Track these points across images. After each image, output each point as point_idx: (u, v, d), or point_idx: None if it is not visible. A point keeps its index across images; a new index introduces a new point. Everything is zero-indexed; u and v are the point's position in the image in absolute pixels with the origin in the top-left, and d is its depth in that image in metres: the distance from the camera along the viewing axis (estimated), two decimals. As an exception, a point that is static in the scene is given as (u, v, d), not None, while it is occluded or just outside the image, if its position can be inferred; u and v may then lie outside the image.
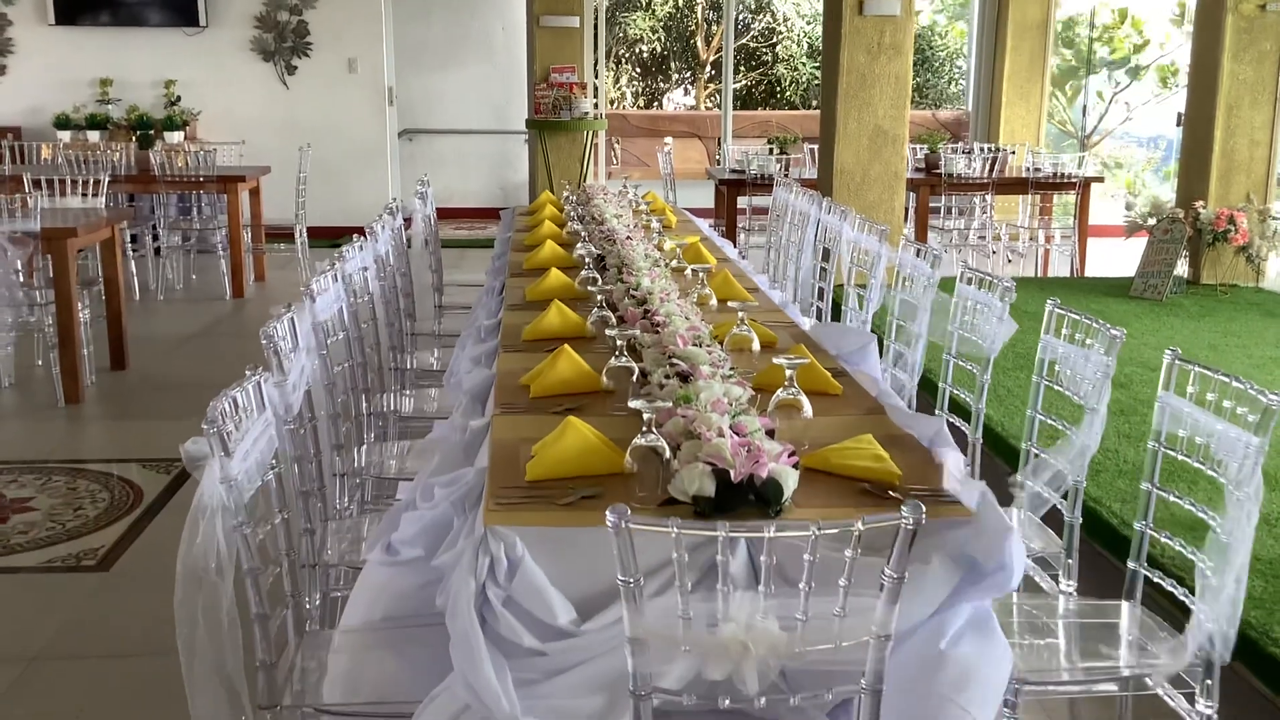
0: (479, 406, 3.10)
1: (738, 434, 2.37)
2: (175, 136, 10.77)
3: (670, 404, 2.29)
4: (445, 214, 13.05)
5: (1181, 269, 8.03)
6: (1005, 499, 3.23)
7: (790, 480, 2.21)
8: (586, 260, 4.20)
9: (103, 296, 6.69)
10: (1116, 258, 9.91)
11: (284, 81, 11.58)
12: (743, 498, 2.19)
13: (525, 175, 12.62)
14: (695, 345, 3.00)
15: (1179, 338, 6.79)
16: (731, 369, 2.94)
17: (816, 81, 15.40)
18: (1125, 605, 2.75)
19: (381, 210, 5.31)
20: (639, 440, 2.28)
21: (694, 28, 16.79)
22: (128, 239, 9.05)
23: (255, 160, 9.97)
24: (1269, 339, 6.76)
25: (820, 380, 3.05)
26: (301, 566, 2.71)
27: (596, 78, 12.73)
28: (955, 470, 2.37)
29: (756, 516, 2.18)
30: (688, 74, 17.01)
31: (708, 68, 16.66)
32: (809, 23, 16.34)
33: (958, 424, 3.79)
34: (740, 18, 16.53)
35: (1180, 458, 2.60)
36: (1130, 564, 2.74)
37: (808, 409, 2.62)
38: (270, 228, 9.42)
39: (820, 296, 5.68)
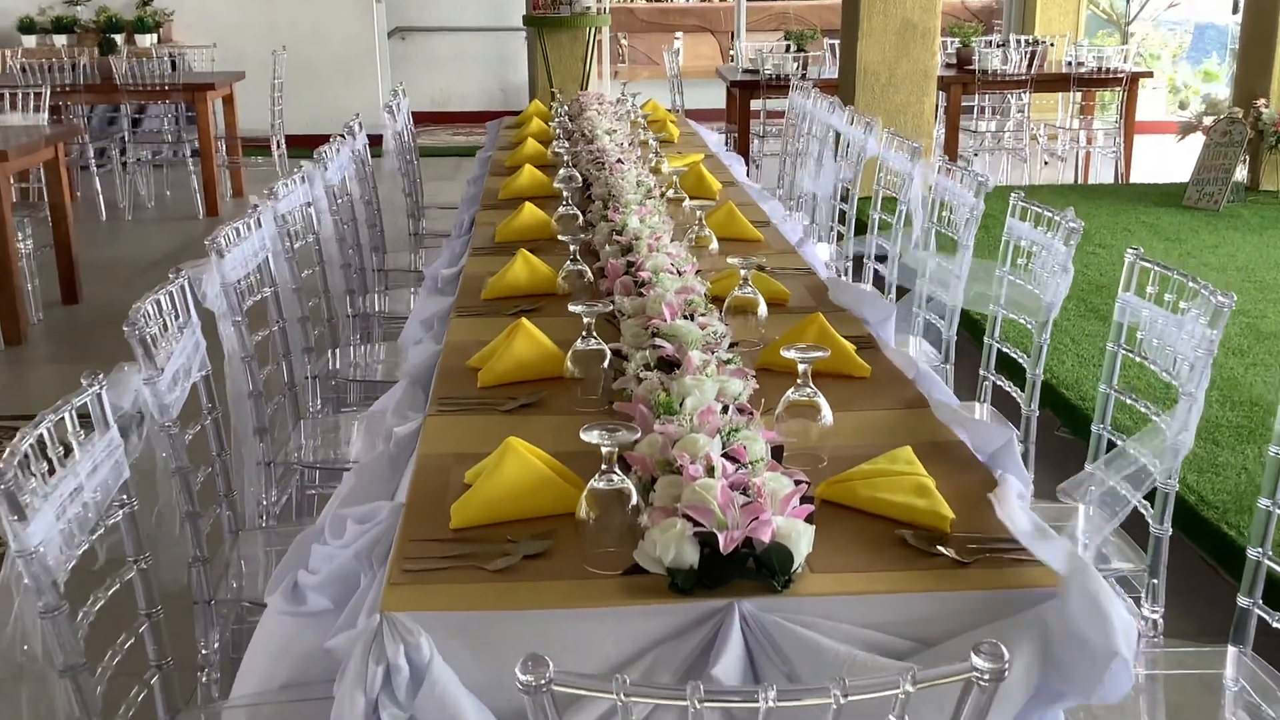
0: (421, 395, 2.49)
1: (733, 461, 1.77)
2: (147, 40, 10.03)
3: (635, 437, 1.67)
4: (441, 118, 12.30)
5: (1240, 174, 7.28)
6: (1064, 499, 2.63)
7: (803, 542, 1.60)
8: (566, 194, 3.55)
9: (49, 222, 6.06)
10: (1164, 159, 9.13)
11: (263, -22, 10.76)
12: (737, 567, 1.59)
13: (526, 76, 11.82)
14: (686, 317, 2.37)
15: (1241, 254, 6.10)
16: (732, 346, 2.33)
17: (837, -31, 14.41)
18: (1231, 652, 2.14)
19: (349, 123, 4.63)
20: (596, 482, 1.67)
21: (706, -88, 15.74)
22: (91, 154, 8.40)
23: (235, 65, 9.23)
24: (1343, 256, 6.06)
25: (843, 360, 2.43)
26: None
27: (600, -32, 11.83)
28: (1021, 517, 1.74)
29: (755, 591, 1.59)
30: (700, -38, 16.00)
31: (721, -45, 15.65)
32: (829, -96, 15.27)
33: (1009, 390, 3.18)
34: (755, -100, 15.48)
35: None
36: (1242, 600, 2.13)
37: (827, 414, 1.99)
38: (250, 138, 8.73)
39: (842, 220, 5.01)
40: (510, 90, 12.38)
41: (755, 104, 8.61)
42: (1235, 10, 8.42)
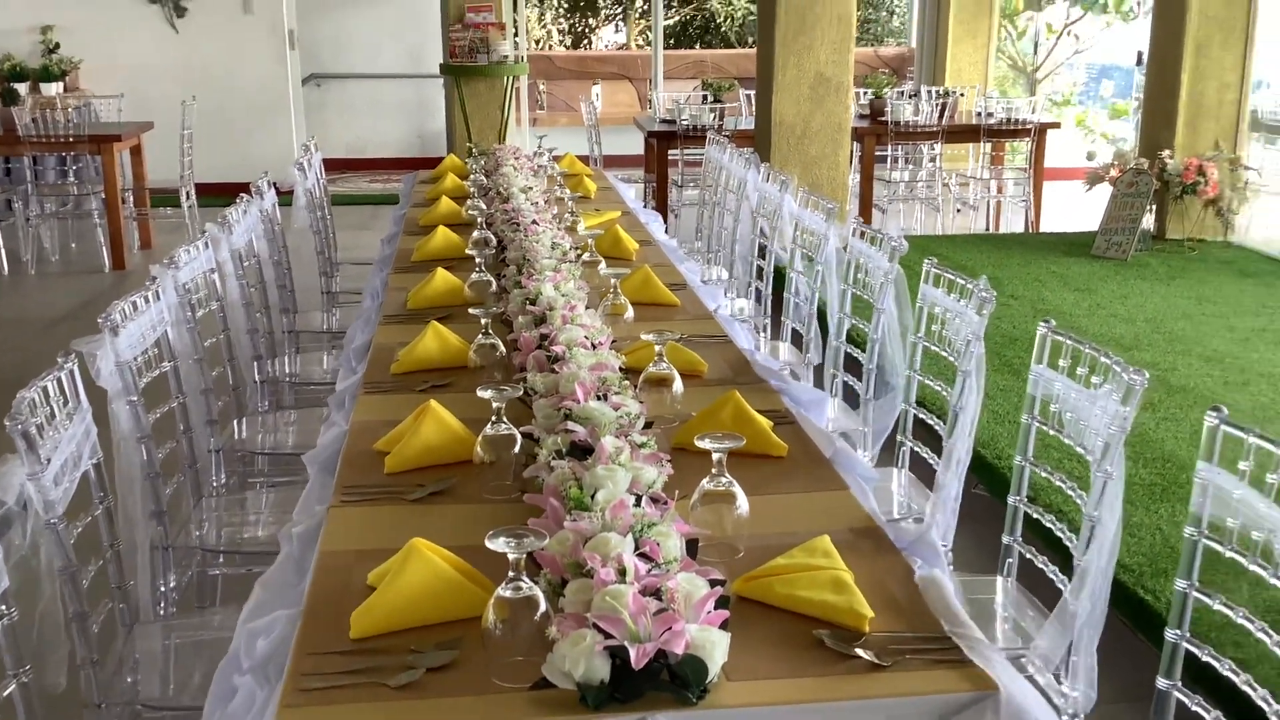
0: (330, 483, 2.40)
1: (647, 560, 1.71)
2: (53, 89, 9.79)
3: (543, 543, 1.61)
4: (358, 165, 12.19)
5: (1147, 224, 7.45)
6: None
7: (718, 651, 1.55)
8: (478, 260, 3.49)
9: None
10: (1072, 207, 9.33)
11: (173, 25, 10.59)
12: (650, 680, 1.53)
13: (444, 123, 11.75)
14: (600, 397, 2.32)
15: (1150, 305, 6.21)
16: (647, 426, 2.28)
17: (753, 17, 14.59)
18: (1153, 732, 2.13)
19: (257, 181, 4.52)
20: (503, 590, 1.60)
21: (622, -40, 15.89)
22: (-7, 207, 8.15)
23: (144, 113, 9.03)
24: (1247, 305, 6.21)
25: (760, 440, 2.39)
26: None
27: (517, 16, 11.84)
28: (952, 613, 1.71)
29: (669, 704, 1.53)
30: (618, 10, 16.12)
31: (639, 2, 15.78)
32: (744, -46, 15.50)
33: (927, 457, 3.16)
34: (671, -51, 15.66)
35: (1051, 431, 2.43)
36: (1161, 683, 2.11)
37: (743, 503, 1.95)
38: (159, 188, 8.53)
39: (759, 276, 5.00)
40: (428, 137, 12.30)
41: (674, 153, 8.64)
42: (1139, 63, 8.65)
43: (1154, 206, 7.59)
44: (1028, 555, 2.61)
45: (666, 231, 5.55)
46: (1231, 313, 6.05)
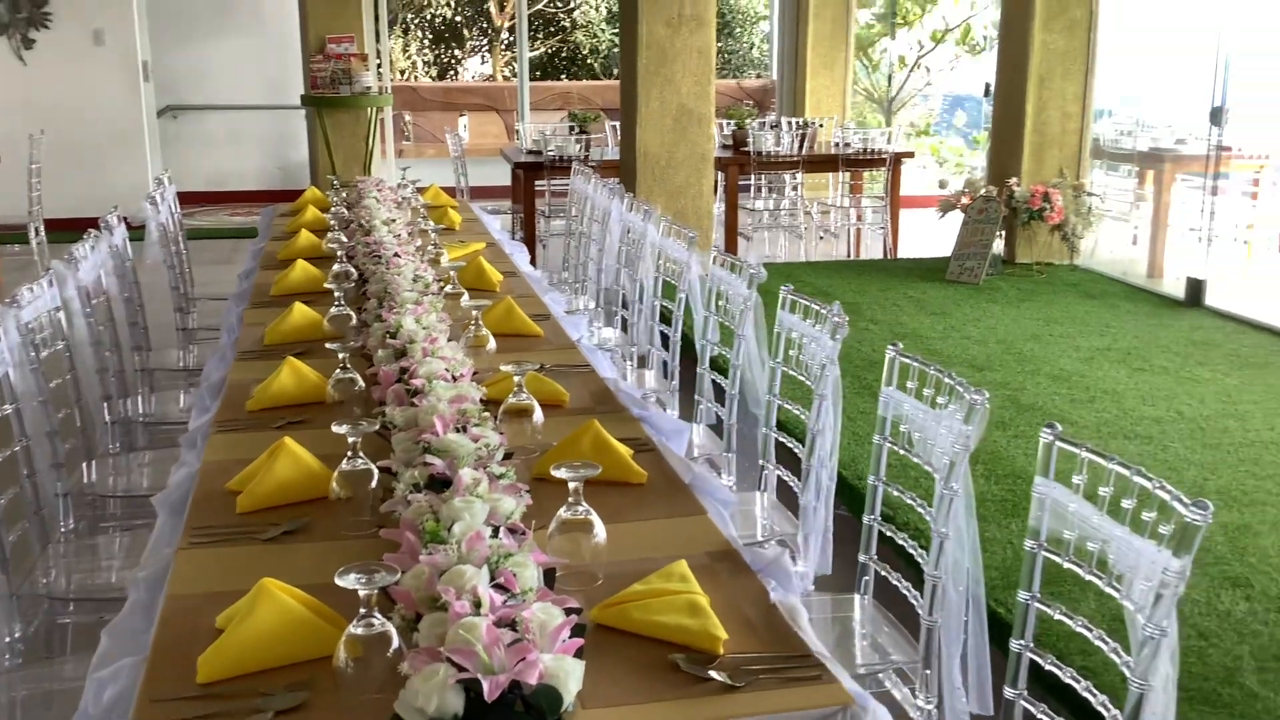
0: (180, 525, 2.33)
1: (503, 591, 1.71)
2: (-112, 121, 9.36)
3: (394, 578, 1.60)
4: (218, 198, 11.92)
5: (997, 248, 7.73)
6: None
7: (572, 680, 1.55)
8: (338, 294, 3.45)
9: None
10: (930, 233, 9.62)
11: (20, 57, 10.23)
12: (504, 712, 1.52)
13: (307, 154, 11.58)
14: (460, 429, 2.31)
15: (1001, 327, 6.45)
16: (507, 457, 2.28)
17: (617, 49, 14.78)
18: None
19: (106, 216, 4.39)
20: (354, 628, 1.58)
21: (487, -8, 15.90)
22: None
23: (-11, 147, 8.70)
24: (1092, 326, 6.48)
25: (619, 468, 2.41)
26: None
27: (380, 47, 11.75)
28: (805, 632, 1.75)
29: (526, 734, 1.53)
30: (483, 41, 16.11)
31: (504, 34, 15.81)
32: (607, -13, 15.67)
33: (787, 479, 3.22)
34: (536, -19, 15.74)
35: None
36: (1008, 692, 2.19)
37: (600, 531, 1.97)
38: (8, 225, 8.22)
39: (624, 305, 5.04)
40: (290, 169, 12.10)
41: (541, 183, 8.66)
42: (987, 95, 8.99)
43: (1004, 232, 7.88)
44: (883, 573, 2.68)
45: (534, 262, 5.57)
46: (1077, 333, 6.31)
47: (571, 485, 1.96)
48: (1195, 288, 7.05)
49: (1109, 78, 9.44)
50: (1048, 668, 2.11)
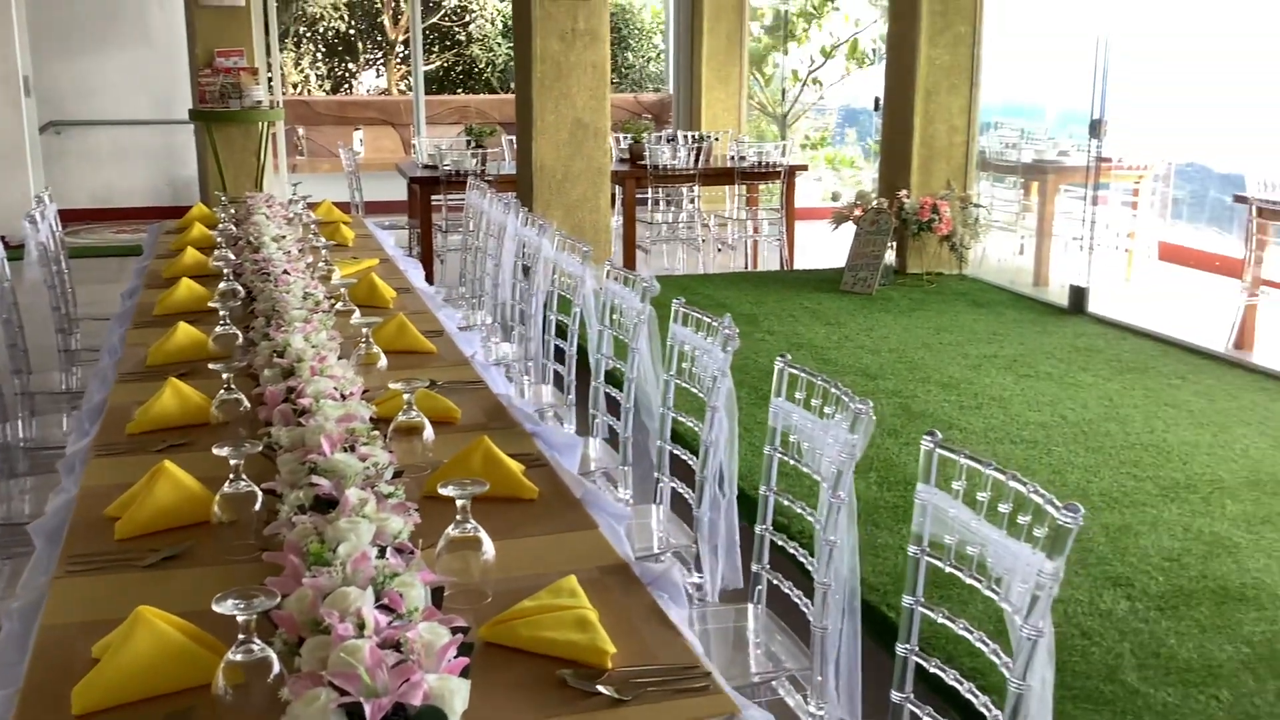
0: (56, 553, 2.26)
1: (388, 612, 1.69)
2: None
3: (274, 602, 1.57)
4: (104, 215, 11.62)
5: (889, 258, 7.89)
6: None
7: (457, 700, 1.54)
8: (223, 312, 3.38)
9: None
10: (825, 244, 9.77)
11: (-111, 69, 9.86)
12: (389, 734, 1.51)
13: (196, 170, 11.36)
14: (348, 448, 2.28)
15: (893, 336, 6.57)
16: (397, 475, 2.26)
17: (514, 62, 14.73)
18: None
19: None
20: (233, 654, 1.55)
21: (381, 5, 15.75)
22: None
23: None
24: (980, 334, 6.64)
25: (510, 484, 2.40)
26: None
27: (271, 61, 11.57)
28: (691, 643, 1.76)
29: (412, 757, 1.51)
30: (378, 55, 15.96)
31: (398, 48, 15.68)
32: (502, 0, 15.63)
33: (683, 491, 3.24)
34: (431, -5, 15.65)
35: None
36: (895, 695, 2.23)
37: (489, 548, 1.96)
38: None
39: (522, 320, 5.03)
40: (179, 185, 11.84)
41: (437, 199, 8.60)
42: (877, 109, 9.17)
43: (895, 243, 8.04)
44: (775, 581, 2.71)
45: (431, 278, 5.53)
46: (966, 341, 6.47)
47: (459, 503, 1.95)
48: (1078, 295, 7.26)
49: (994, 90, 9.70)
50: (933, 671, 2.16)
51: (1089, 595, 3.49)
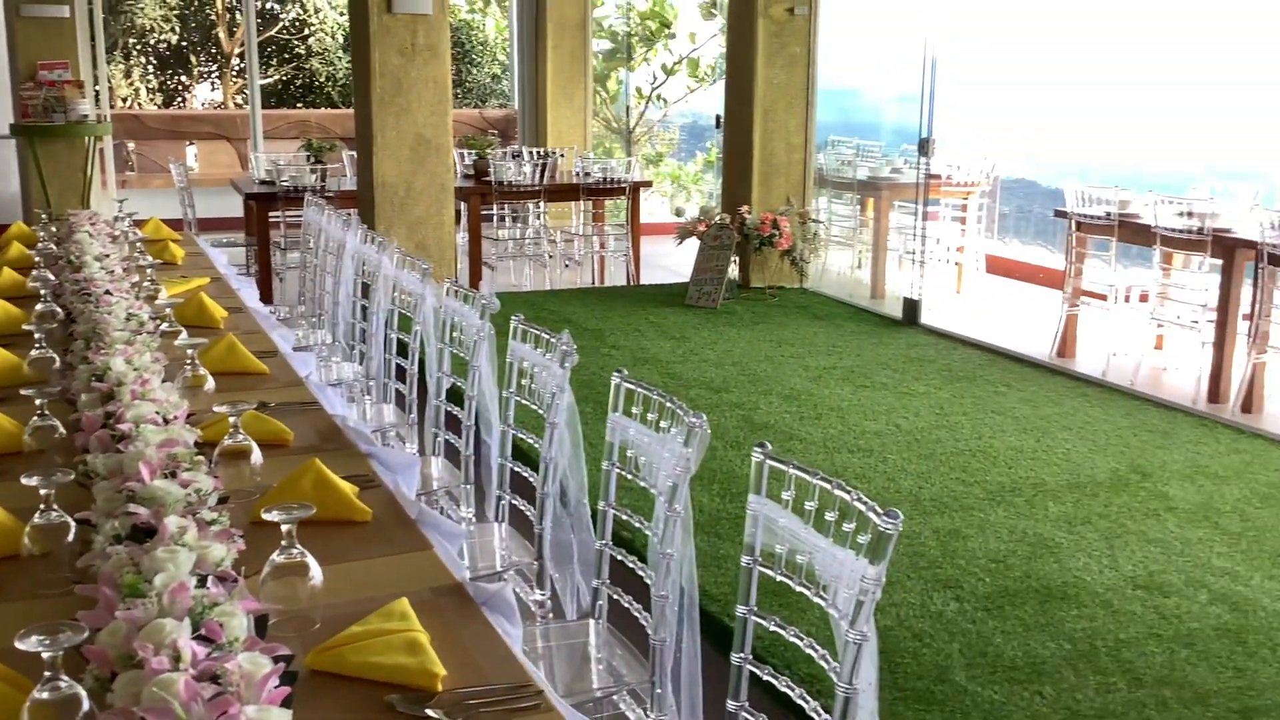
0: None
1: (208, 643, 1.64)
2: None
3: (82, 637, 1.51)
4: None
5: (733, 273, 8.02)
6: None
7: (280, 730, 1.50)
8: (38, 335, 3.23)
9: None
10: (671, 259, 9.88)
11: None
12: (206, 770, 1.46)
13: (18, 187, 10.84)
14: (169, 474, 2.21)
15: (737, 349, 6.68)
16: (223, 501, 2.19)
17: (356, 78, 14.48)
18: None
19: None
20: (39, 692, 1.48)
21: (215, 17, 15.33)
22: None
23: None
24: (820, 346, 6.81)
25: (341, 506, 2.36)
26: None
27: (98, 74, 11.14)
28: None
29: (231, 792, 1.46)
30: (213, 68, 15.52)
31: (234, 61, 15.28)
32: (342, 14, 15.38)
33: (522, 507, 3.23)
34: (268, 7, 15.29)
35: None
36: (730, 704, 2.27)
37: (316, 573, 1.92)
38: None
39: (363, 339, 4.95)
40: (1, 203, 11.28)
41: (275, 215, 8.39)
42: (718, 126, 9.33)
43: (738, 258, 8.18)
44: (615, 596, 2.72)
45: (269, 297, 5.39)
46: (806, 353, 6.62)
47: (284, 528, 1.91)
48: (911, 308, 7.51)
49: (831, 110, 9.98)
50: (766, 678, 2.19)
51: (920, 598, 3.60)
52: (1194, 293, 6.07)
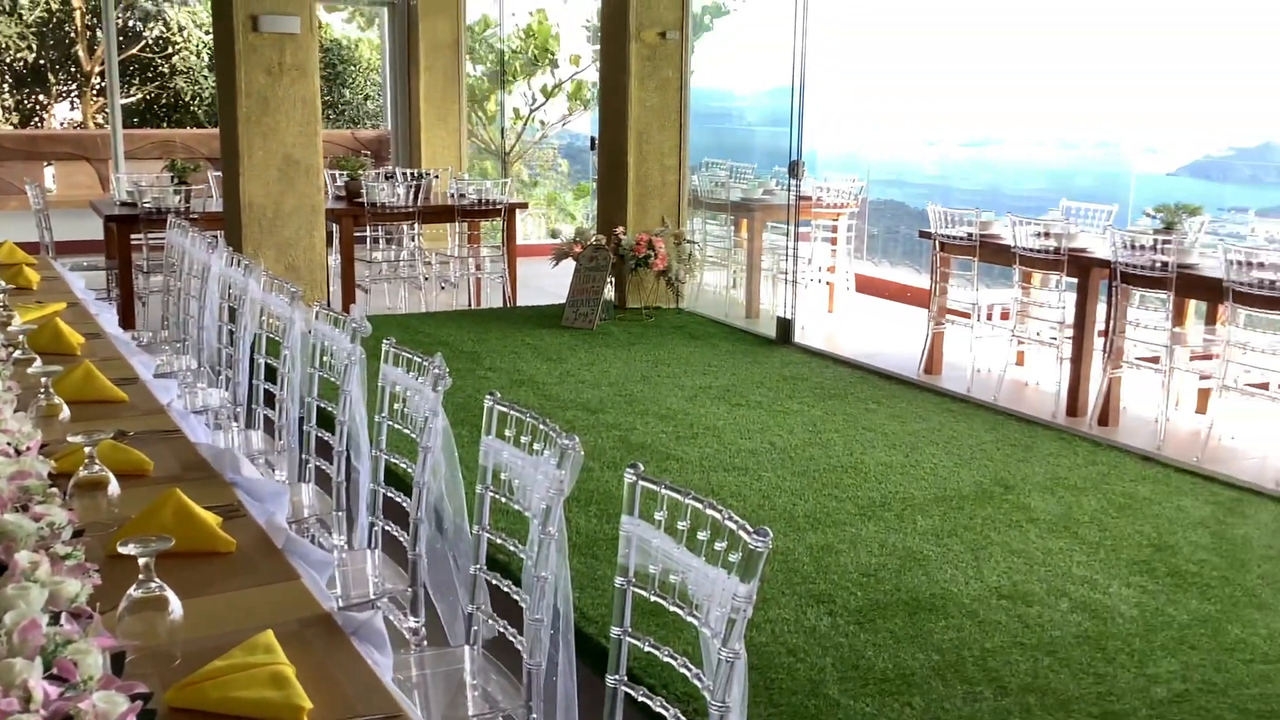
0: None
1: (61, 682, 1.58)
2: None
3: (-79, 684, 1.44)
4: None
5: (609, 294, 8.05)
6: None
7: (136, 773, 1.45)
8: (-122, 364, 3.07)
9: None
10: (548, 281, 9.88)
11: None
12: (58, 816, 1.40)
13: None
14: (21, 508, 2.12)
15: (614, 370, 6.70)
16: (78, 535, 2.12)
17: (224, 97, 14.16)
18: None
19: None
20: (-126, 744, 1.40)
21: (74, 34, 14.84)
22: None
23: None
24: (695, 366, 6.87)
25: (204, 537, 2.29)
26: None
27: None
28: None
29: (84, 838, 1.41)
30: (72, 87, 15.02)
31: (95, 80, 14.80)
32: (207, 32, 15.04)
33: (397, 534, 3.18)
34: (130, 25, 14.86)
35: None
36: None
37: (176, 608, 1.86)
38: None
39: (229, 364, 4.82)
40: None
41: (137, 238, 8.14)
42: (593, 148, 9.37)
43: (614, 279, 8.22)
44: (491, 621, 2.70)
45: (132, 322, 5.21)
46: (683, 373, 6.67)
47: (141, 561, 1.84)
48: (785, 327, 7.63)
49: (702, 134, 10.11)
50: (641, 699, 2.20)
51: (794, 614, 3.65)
52: (1052, 310, 6.30)
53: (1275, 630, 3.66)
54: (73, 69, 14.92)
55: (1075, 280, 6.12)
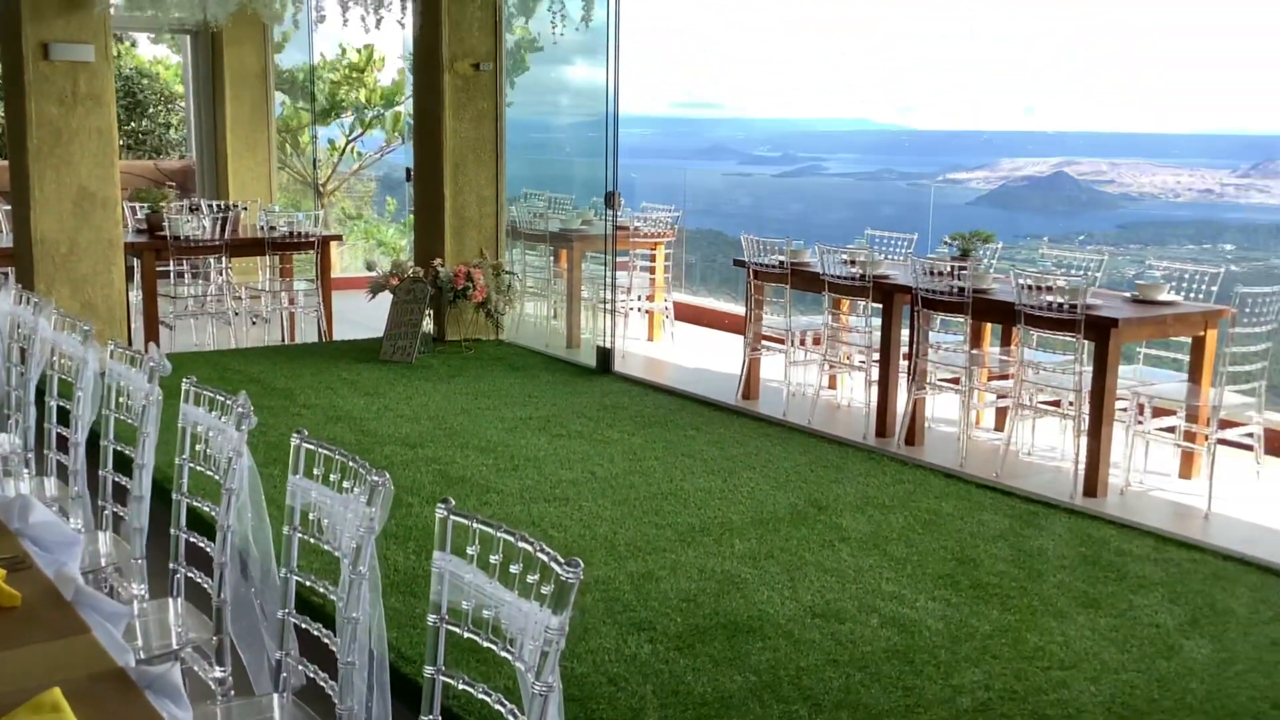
0: None
1: None
2: None
3: None
4: None
5: (427, 326, 7.96)
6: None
7: None
8: None
9: None
10: (365, 314, 9.69)
11: None
12: None
13: None
14: None
15: (433, 404, 6.62)
16: None
17: (15, 126, 13.42)
18: None
19: None
20: None
21: None
22: None
23: None
24: (516, 397, 6.85)
25: (-15, 592, 2.16)
26: None
27: None
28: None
29: None
30: None
31: None
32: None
33: (201, 580, 3.06)
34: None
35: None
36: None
37: (-48, 670, 1.74)
38: None
39: (18, 408, 4.56)
40: None
41: (-83, 276, 7.64)
42: (408, 179, 9.27)
43: (432, 311, 8.13)
44: (301, 667, 2.62)
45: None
46: (503, 404, 6.64)
47: (-90, 622, 1.72)
48: (605, 356, 7.69)
49: (523, 164, 10.12)
50: (456, 738, 2.17)
51: (615, 642, 3.66)
52: (860, 335, 6.52)
53: (1071, 637, 3.86)
54: None
55: (880, 306, 6.35)
